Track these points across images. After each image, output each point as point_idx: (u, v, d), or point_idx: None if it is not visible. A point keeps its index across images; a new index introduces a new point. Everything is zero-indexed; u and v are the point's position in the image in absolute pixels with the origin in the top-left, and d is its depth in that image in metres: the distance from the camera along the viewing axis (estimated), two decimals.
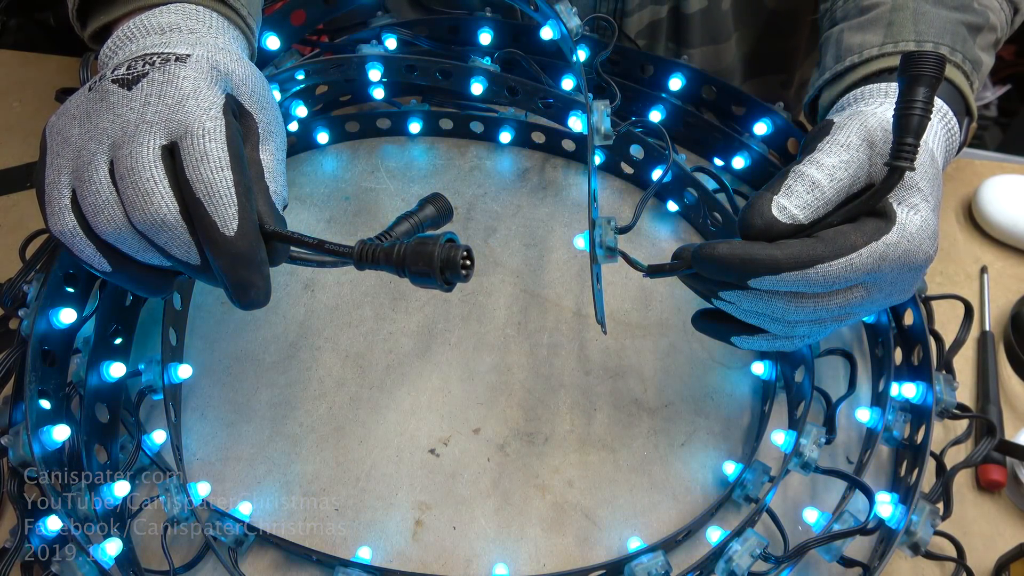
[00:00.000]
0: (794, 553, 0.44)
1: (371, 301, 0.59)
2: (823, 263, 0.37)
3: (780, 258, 0.38)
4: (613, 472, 0.52)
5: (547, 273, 0.60)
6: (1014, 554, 0.48)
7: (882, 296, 0.41)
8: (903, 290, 0.41)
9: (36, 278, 0.51)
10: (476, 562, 0.49)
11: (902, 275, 0.40)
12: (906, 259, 0.39)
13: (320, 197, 0.64)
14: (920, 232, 0.39)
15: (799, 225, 0.39)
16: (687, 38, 0.72)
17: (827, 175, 0.39)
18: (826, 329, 0.43)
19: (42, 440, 0.45)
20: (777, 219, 0.39)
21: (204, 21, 0.43)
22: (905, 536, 0.45)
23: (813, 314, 0.40)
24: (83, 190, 0.35)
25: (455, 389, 0.55)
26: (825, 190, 0.39)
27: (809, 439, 0.48)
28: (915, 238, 0.38)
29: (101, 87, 0.37)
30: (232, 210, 0.34)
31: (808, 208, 0.39)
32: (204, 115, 0.35)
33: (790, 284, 0.38)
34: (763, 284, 0.39)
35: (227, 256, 0.34)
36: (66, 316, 0.49)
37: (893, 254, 0.38)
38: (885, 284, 0.40)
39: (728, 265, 0.38)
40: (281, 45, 0.59)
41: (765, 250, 0.38)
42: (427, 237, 0.36)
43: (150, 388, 0.50)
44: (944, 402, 0.50)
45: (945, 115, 0.46)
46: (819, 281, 0.38)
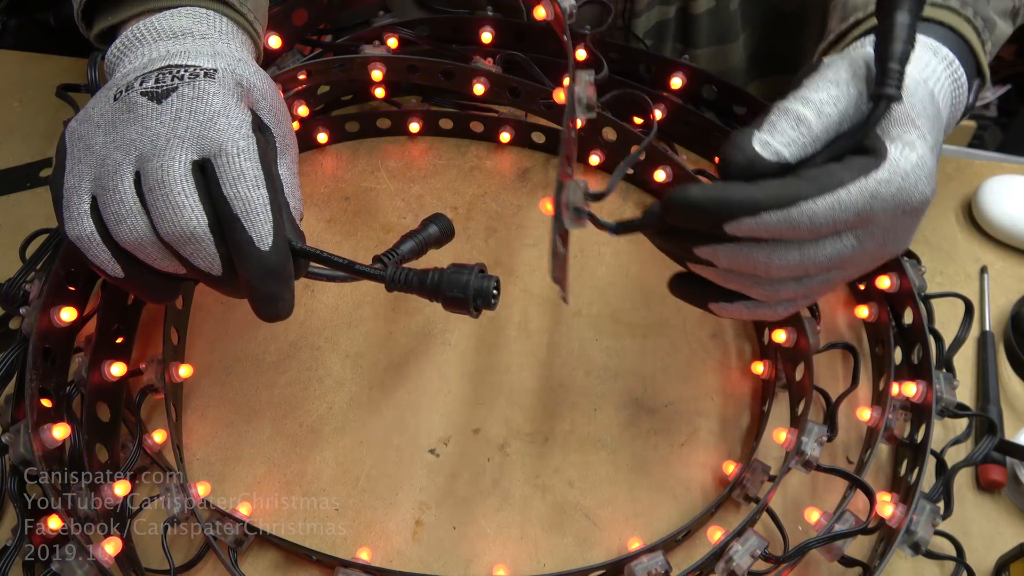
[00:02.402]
0: (795, 553, 0.44)
1: (371, 301, 0.59)
2: (807, 200, 0.34)
3: (759, 197, 0.34)
4: (613, 472, 0.52)
5: (547, 273, 0.60)
6: (1014, 554, 0.48)
7: (875, 246, 0.37)
8: (897, 240, 0.38)
9: (37, 277, 0.51)
10: (476, 562, 0.49)
11: (896, 220, 0.36)
12: (900, 199, 0.35)
13: (320, 197, 0.64)
14: (916, 171, 0.35)
15: (784, 163, 0.35)
16: (694, 38, 0.72)
17: (814, 111, 0.36)
18: (812, 290, 0.39)
19: (42, 438, 0.45)
20: (759, 154, 0.35)
21: (214, 26, 0.43)
22: (905, 535, 0.45)
23: (799, 267, 0.36)
24: (106, 198, 0.36)
25: (455, 389, 0.55)
26: (812, 126, 0.36)
27: (810, 437, 0.48)
28: (909, 176, 0.35)
29: (128, 98, 0.37)
30: (268, 226, 0.36)
31: (794, 145, 0.36)
32: (236, 133, 0.37)
33: (772, 226, 0.34)
34: (742, 228, 0.35)
35: (260, 270, 0.36)
36: (67, 314, 0.49)
37: (885, 192, 0.34)
38: (878, 231, 0.36)
39: (702, 207, 0.35)
40: (283, 45, 0.59)
41: (743, 189, 0.34)
42: (462, 266, 0.39)
43: (151, 387, 0.50)
44: (945, 401, 0.50)
45: (952, 64, 0.43)
46: (803, 222, 0.34)
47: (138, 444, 0.49)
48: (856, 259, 0.37)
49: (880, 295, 0.56)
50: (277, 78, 0.58)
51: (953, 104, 0.43)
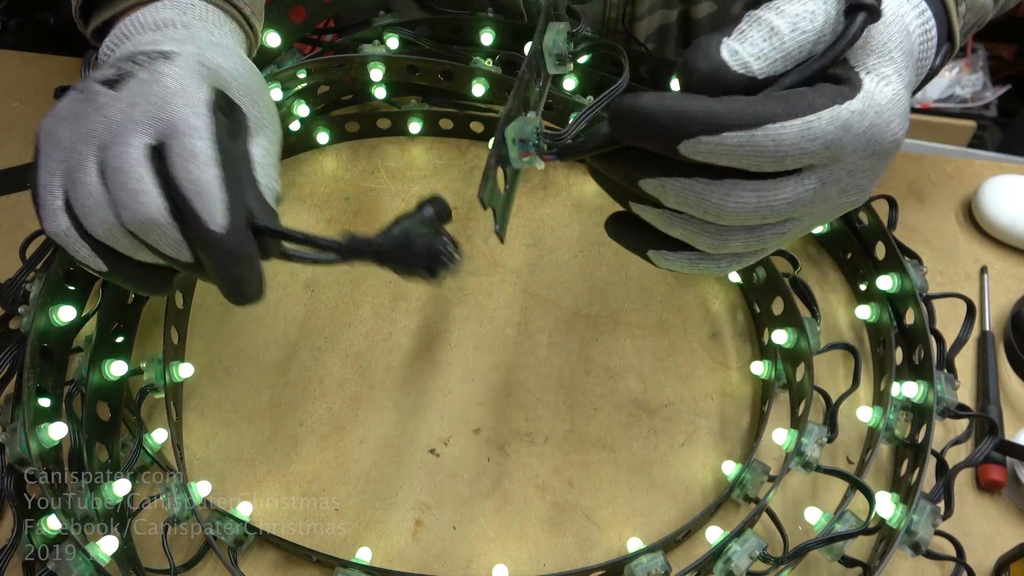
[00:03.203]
0: (794, 554, 0.44)
1: (371, 301, 0.59)
2: (775, 123, 0.30)
3: (721, 112, 0.30)
4: (613, 472, 0.52)
5: (547, 273, 0.60)
6: (1014, 554, 0.48)
7: (837, 191, 0.33)
8: (860, 186, 0.34)
9: (37, 277, 0.51)
10: (476, 562, 0.49)
11: (863, 160, 0.33)
12: (871, 135, 0.32)
13: (320, 197, 0.64)
14: (891, 107, 0.32)
15: (751, 78, 0.32)
16: None
17: (789, 23, 0.32)
18: (763, 244, 0.35)
19: (39, 437, 0.45)
20: (726, 63, 0.31)
21: (200, 15, 0.42)
22: (906, 536, 0.45)
23: (754, 211, 0.32)
24: (75, 192, 0.36)
25: (455, 389, 0.55)
26: (785, 39, 0.32)
27: (810, 439, 0.48)
28: (884, 112, 0.32)
29: (89, 88, 0.37)
30: (220, 206, 0.34)
31: (764, 58, 0.32)
32: (190, 113, 0.35)
33: (732, 149, 0.30)
34: (699, 150, 0.30)
35: (217, 252, 0.35)
36: (66, 314, 0.49)
37: (858, 125, 0.31)
38: (842, 172, 0.33)
39: (656, 119, 0.30)
40: (282, 43, 0.59)
41: (703, 102, 0.30)
42: (413, 230, 0.36)
43: (151, 387, 0.50)
44: (946, 401, 0.50)
45: (923, 13, 0.38)
46: (768, 148, 0.30)
47: (138, 444, 0.49)
48: (815, 206, 0.33)
49: (881, 295, 0.56)
50: (276, 76, 0.58)
51: (920, 58, 0.38)
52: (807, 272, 0.59)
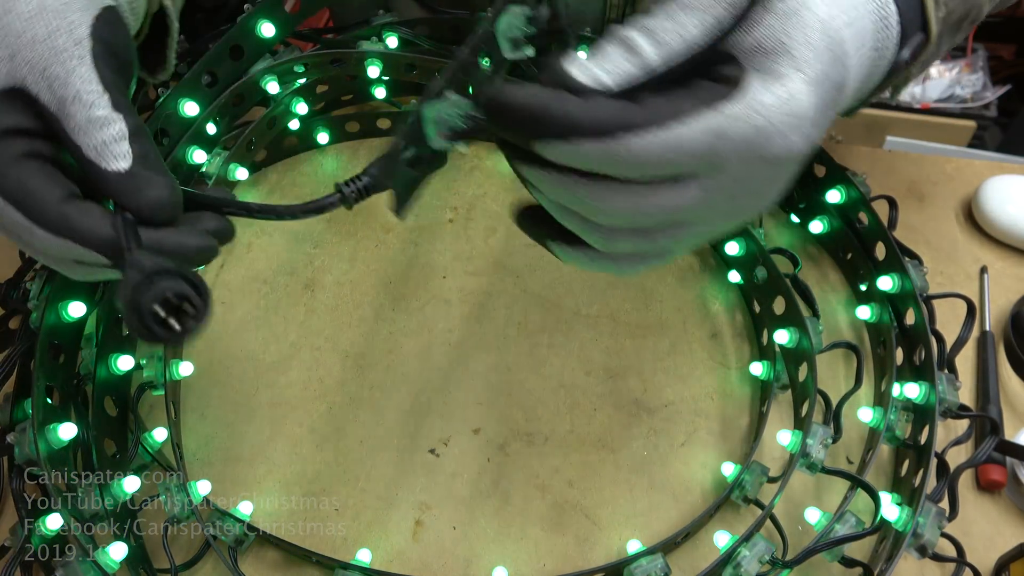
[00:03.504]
0: (802, 557, 0.44)
1: (371, 301, 0.59)
2: (634, 133, 0.27)
3: (577, 115, 0.27)
4: (613, 472, 0.52)
5: (547, 273, 0.60)
6: (1014, 554, 0.48)
7: (725, 200, 0.30)
8: (757, 194, 0.31)
9: (37, 277, 0.51)
10: (476, 562, 0.49)
11: (752, 168, 0.29)
12: (756, 141, 0.28)
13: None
14: (781, 108, 0.28)
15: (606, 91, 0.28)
16: None
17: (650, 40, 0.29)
18: (656, 246, 0.32)
19: (48, 438, 0.45)
20: (570, 75, 0.28)
21: None
22: (912, 539, 0.45)
23: (631, 217, 0.30)
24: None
25: (455, 389, 0.55)
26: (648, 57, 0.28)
27: (816, 439, 0.48)
28: (771, 116, 0.28)
29: None
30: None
31: (621, 75, 0.28)
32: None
33: (588, 159, 0.28)
34: (555, 154, 0.28)
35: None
36: (75, 309, 0.48)
37: (736, 131, 0.27)
38: (728, 181, 0.29)
39: (511, 115, 0.28)
40: (276, 32, 0.59)
41: (564, 103, 0.27)
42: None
43: (150, 384, 0.50)
44: (947, 402, 0.50)
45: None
46: (626, 160, 0.27)
47: (136, 441, 0.48)
48: (704, 213, 0.30)
49: (882, 296, 0.56)
50: (272, 69, 0.58)
51: (876, 48, 0.34)
52: (807, 272, 0.59)
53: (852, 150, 0.70)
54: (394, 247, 0.62)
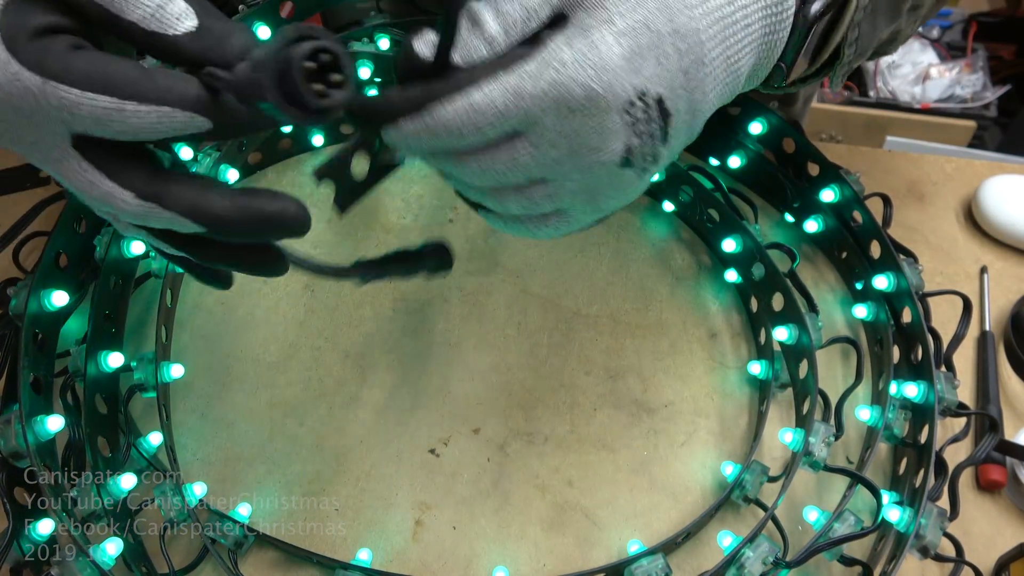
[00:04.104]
0: (804, 557, 0.44)
1: (371, 301, 0.59)
2: (438, 104, 0.29)
3: (395, 101, 0.30)
4: (613, 472, 0.52)
5: (547, 273, 0.60)
6: (1014, 554, 0.48)
7: (556, 152, 0.31)
8: (589, 145, 0.31)
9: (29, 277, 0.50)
10: (476, 562, 0.49)
11: (567, 120, 0.30)
12: (553, 94, 0.29)
13: (320, 198, 0.64)
14: (579, 59, 0.29)
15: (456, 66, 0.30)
16: None
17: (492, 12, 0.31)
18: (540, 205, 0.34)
19: (35, 430, 0.44)
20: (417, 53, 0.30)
21: None
22: (915, 540, 0.45)
23: (489, 177, 0.32)
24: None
25: (455, 389, 0.55)
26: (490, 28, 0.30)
27: (818, 437, 0.48)
28: (568, 67, 0.29)
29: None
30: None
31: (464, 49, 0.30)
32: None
33: (412, 134, 0.30)
34: (395, 137, 0.31)
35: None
36: (58, 299, 0.48)
37: (532, 88, 0.29)
38: (551, 133, 0.30)
39: (359, 114, 0.31)
40: (271, 35, 0.59)
41: (385, 95, 0.30)
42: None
43: (140, 386, 0.50)
44: (946, 400, 0.50)
45: None
46: (439, 128, 0.29)
47: (127, 444, 0.48)
48: (551, 168, 0.32)
49: (878, 294, 0.56)
50: None
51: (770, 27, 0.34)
52: (803, 272, 0.59)
53: (852, 150, 0.70)
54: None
